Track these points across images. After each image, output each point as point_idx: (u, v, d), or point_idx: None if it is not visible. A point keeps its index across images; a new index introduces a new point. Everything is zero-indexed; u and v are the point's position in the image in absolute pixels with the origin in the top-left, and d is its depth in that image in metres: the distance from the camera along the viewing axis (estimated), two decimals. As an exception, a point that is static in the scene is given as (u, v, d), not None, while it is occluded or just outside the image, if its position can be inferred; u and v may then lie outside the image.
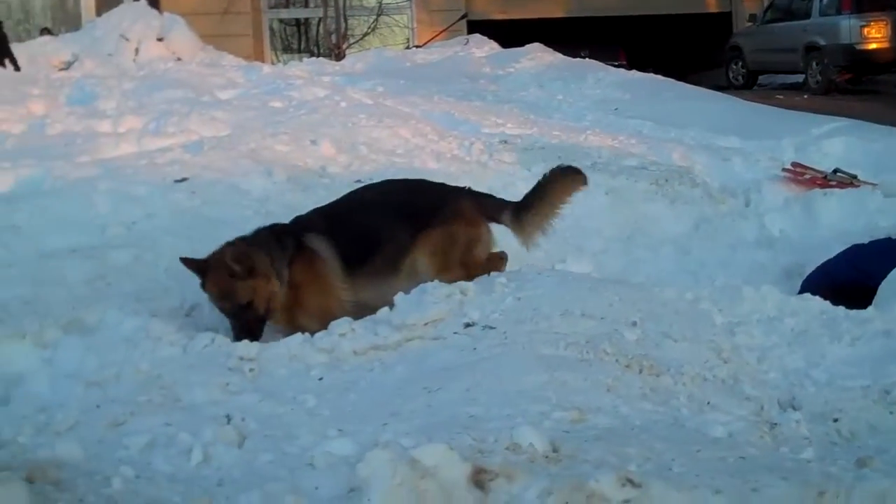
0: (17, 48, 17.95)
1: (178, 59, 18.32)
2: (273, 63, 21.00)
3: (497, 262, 5.77)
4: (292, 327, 5.18)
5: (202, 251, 5.34)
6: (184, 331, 5.05)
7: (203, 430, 3.46)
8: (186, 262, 5.21)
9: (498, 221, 5.73)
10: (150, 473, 3.02)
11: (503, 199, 5.91)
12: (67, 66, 18.56)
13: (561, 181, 5.80)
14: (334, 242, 5.38)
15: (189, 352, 4.61)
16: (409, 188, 5.93)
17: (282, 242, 5.36)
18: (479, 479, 2.73)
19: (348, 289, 5.36)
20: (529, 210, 5.70)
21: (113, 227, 6.58)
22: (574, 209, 7.57)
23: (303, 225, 5.52)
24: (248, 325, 5.09)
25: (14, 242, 6.47)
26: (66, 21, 23.88)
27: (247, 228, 5.57)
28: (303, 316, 5.30)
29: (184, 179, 7.49)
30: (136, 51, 19.06)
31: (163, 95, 11.34)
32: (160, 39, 19.50)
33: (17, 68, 17.10)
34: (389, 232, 5.53)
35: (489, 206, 5.78)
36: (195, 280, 5.25)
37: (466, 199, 5.78)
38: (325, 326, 4.75)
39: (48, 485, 2.54)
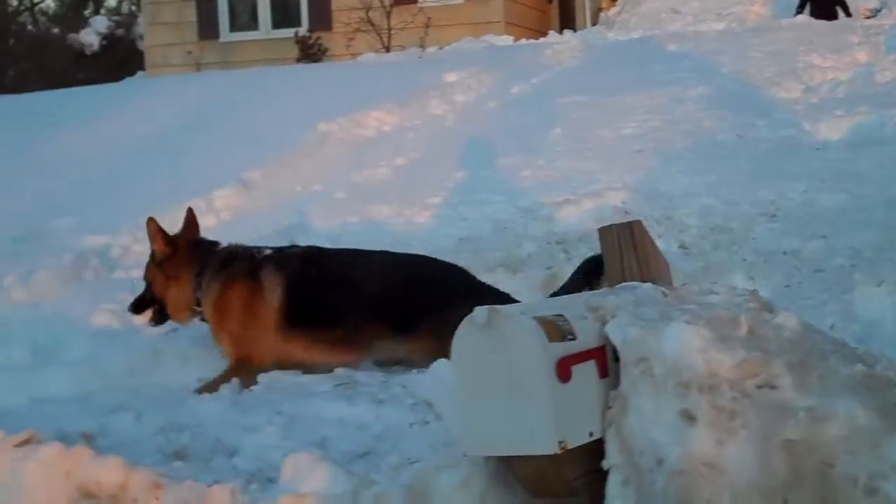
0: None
1: None
2: None
3: None
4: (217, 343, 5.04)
5: None
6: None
7: None
8: (151, 223, 5.16)
9: None
10: None
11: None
12: (874, 13, 18.55)
13: None
14: (291, 291, 4.83)
15: None
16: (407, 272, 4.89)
17: (235, 262, 5.02)
18: None
19: (281, 340, 4.80)
20: None
21: None
22: None
23: (274, 257, 5.00)
24: (142, 299, 5.25)
25: (858, 189, 6.59)
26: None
27: None
28: (222, 339, 4.95)
29: None
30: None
31: None
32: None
33: (848, 14, 18.12)
34: (359, 312, 4.75)
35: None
36: None
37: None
38: (243, 359, 4.72)
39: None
